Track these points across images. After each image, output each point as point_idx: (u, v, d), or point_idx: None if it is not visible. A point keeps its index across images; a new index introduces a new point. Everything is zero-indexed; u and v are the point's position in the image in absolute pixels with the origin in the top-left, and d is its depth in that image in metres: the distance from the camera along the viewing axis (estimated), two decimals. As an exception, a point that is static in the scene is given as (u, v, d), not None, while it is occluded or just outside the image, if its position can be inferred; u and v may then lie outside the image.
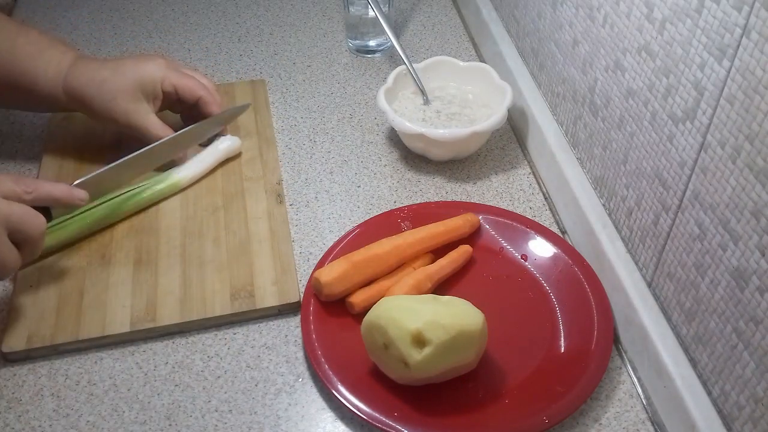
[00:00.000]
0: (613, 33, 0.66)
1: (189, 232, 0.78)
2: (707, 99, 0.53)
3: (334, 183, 0.85)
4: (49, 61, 0.79)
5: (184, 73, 0.83)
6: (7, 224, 0.63)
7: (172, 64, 0.83)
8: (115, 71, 0.80)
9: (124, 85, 0.79)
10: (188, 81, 0.83)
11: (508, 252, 0.76)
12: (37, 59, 0.79)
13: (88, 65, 0.80)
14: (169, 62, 0.83)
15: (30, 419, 0.64)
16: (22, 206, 0.65)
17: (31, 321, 0.69)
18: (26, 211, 0.65)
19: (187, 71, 0.84)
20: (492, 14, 1.01)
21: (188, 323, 0.70)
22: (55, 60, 0.80)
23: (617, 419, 0.64)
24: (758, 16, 0.46)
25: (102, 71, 0.80)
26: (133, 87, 0.79)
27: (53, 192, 0.70)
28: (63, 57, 0.80)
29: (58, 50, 0.81)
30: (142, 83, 0.80)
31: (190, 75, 0.84)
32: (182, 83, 0.82)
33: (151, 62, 0.81)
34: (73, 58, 0.81)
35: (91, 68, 0.80)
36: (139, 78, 0.79)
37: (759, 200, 0.48)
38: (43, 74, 0.79)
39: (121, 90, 0.79)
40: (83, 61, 0.81)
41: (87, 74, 0.79)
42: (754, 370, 0.51)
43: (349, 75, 1.01)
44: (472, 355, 0.62)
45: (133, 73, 0.80)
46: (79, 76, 0.79)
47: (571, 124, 0.79)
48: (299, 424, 0.64)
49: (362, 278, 0.70)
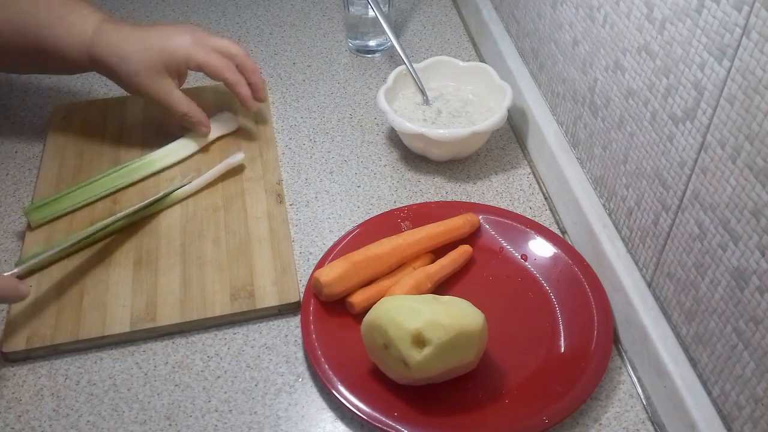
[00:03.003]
0: (613, 33, 0.66)
1: (189, 232, 0.78)
2: (707, 99, 0.53)
3: (334, 183, 0.85)
4: (72, 26, 0.78)
5: (211, 49, 0.80)
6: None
7: (200, 39, 0.80)
8: (140, 46, 0.78)
9: (148, 62, 0.78)
10: (214, 60, 0.80)
11: (508, 252, 0.76)
12: (59, 26, 0.77)
13: (112, 34, 0.78)
14: (197, 36, 0.80)
15: (30, 419, 0.64)
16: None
17: (31, 321, 0.69)
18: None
19: (217, 44, 0.81)
20: (492, 14, 1.01)
21: (188, 323, 0.70)
22: (79, 25, 0.78)
23: (617, 419, 0.64)
24: (758, 16, 0.46)
25: (126, 45, 0.78)
26: (157, 64, 0.78)
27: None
28: (86, 21, 0.78)
29: (81, 14, 0.78)
30: (166, 61, 0.78)
31: (217, 52, 0.81)
32: (208, 63, 0.80)
33: (178, 38, 0.79)
34: (97, 22, 0.78)
35: (115, 38, 0.78)
36: (163, 55, 0.78)
37: (759, 200, 0.48)
38: (68, 41, 0.78)
39: (144, 66, 0.78)
40: (107, 28, 0.78)
41: (111, 45, 0.78)
42: (754, 370, 0.51)
43: (349, 75, 1.01)
44: (472, 355, 0.61)
45: (158, 50, 0.78)
46: (103, 46, 0.78)
47: (571, 124, 0.79)
48: (299, 424, 0.64)
49: (362, 278, 0.70)
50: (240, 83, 0.83)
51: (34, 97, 0.97)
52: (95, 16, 0.79)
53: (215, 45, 0.82)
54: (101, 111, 0.93)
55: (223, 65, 0.81)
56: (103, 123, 0.91)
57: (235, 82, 0.82)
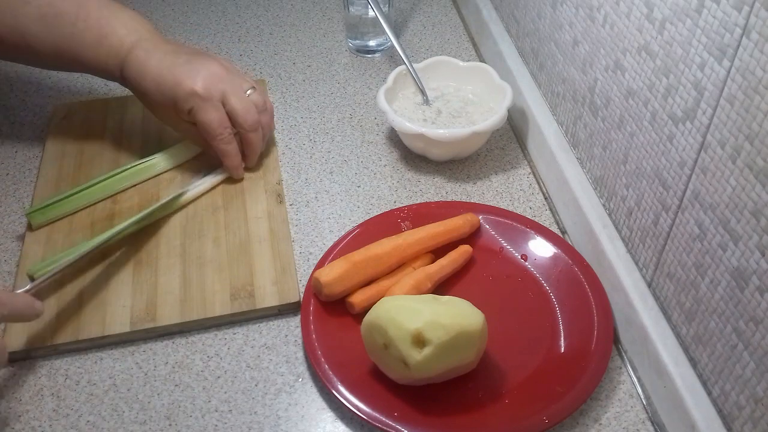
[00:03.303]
0: (613, 33, 0.66)
1: (189, 232, 0.78)
2: (707, 99, 0.53)
3: (334, 183, 0.85)
4: (109, 50, 0.78)
5: (215, 109, 0.77)
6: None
7: (213, 90, 0.77)
8: (155, 84, 0.77)
9: (161, 103, 0.78)
10: (208, 122, 0.77)
11: (508, 252, 0.76)
12: (98, 49, 0.78)
13: (137, 64, 0.78)
14: (210, 89, 0.77)
15: (30, 419, 0.64)
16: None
17: (31, 321, 0.69)
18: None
19: (231, 100, 0.78)
20: (492, 14, 1.01)
21: (188, 323, 0.70)
22: (114, 50, 0.78)
23: (617, 419, 0.64)
24: (758, 16, 0.46)
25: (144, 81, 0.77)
26: (169, 107, 0.78)
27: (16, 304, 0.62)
28: (121, 46, 0.78)
29: (117, 37, 0.78)
30: (176, 105, 0.77)
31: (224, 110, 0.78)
32: (201, 124, 0.78)
33: (189, 85, 0.76)
34: (130, 46, 0.78)
35: (138, 69, 0.78)
36: (172, 101, 0.77)
37: (759, 200, 0.48)
38: (104, 63, 0.79)
39: (158, 106, 0.79)
40: (136, 55, 0.78)
41: (134, 77, 0.78)
42: (754, 370, 0.51)
43: (349, 75, 1.01)
44: (472, 355, 0.61)
45: (169, 94, 0.77)
46: (128, 74, 0.78)
47: (571, 124, 0.79)
48: (299, 424, 0.64)
49: (362, 278, 0.70)
50: (228, 154, 0.80)
51: (34, 97, 0.97)
52: (130, 39, 0.78)
53: (229, 105, 0.78)
54: (101, 111, 0.93)
55: (217, 132, 0.78)
56: (103, 123, 0.91)
57: (222, 152, 0.80)
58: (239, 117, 0.78)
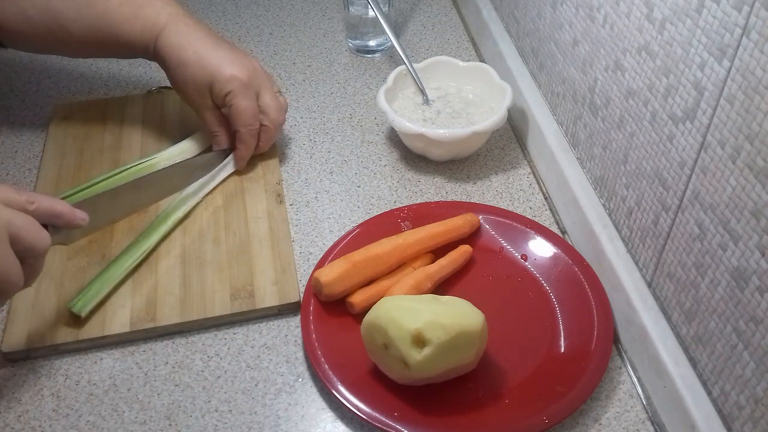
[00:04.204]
0: (613, 33, 0.66)
1: (189, 232, 0.78)
2: (707, 99, 0.53)
3: (334, 183, 0.85)
4: (145, 21, 0.79)
5: (251, 99, 0.80)
6: (9, 231, 0.56)
7: (254, 82, 0.80)
8: (198, 58, 0.78)
9: (197, 78, 0.79)
10: (244, 109, 0.79)
11: (508, 252, 0.76)
12: (133, 21, 0.78)
13: (179, 35, 0.79)
14: (252, 79, 0.79)
15: (30, 419, 0.64)
16: (26, 216, 0.59)
17: (31, 321, 0.69)
18: (30, 221, 0.59)
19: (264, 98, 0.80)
20: (492, 14, 1.01)
21: (188, 323, 0.70)
22: (151, 20, 0.79)
23: (617, 419, 0.64)
24: (758, 16, 0.46)
25: (186, 52, 0.78)
26: (204, 83, 0.79)
27: (55, 206, 0.63)
28: (159, 14, 0.79)
29: (154, 7, 0.79)
30: (212, 86, 0.78)
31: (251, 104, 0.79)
32: (237, 108, 0.79)
33: (233, 70, 0.78)
34: (169, 16, 0.79)
35: (179, 40, 0.78)
36: (212, 79, 0.78)
37: (759, 200, 0.48)
38: (140, 35, 0.79)
39: (192, 78, 0.79)
40: (178, 27, 0.79)
41: (173, 46, 0.78)
42: (754, 370, 0.51)
43: (349, 75, 1.01)
44: (472, 355, 0.62)
45: (210, 71, 0.78)
46: (166, 43, 0.78)
47: (571, 124, 0.79)
48: (299, 424, 0.64)
49: (362, 278, 0.70)
50: (247, 145, 0.82)
51: (34, 97, 0.97)
52: (168, 10, 0.80)
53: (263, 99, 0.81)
54: (101, 111, 0.93)
55: (248, 119, 0.80)
56: (103, 123, 0.91)
57: (243, 140, 0.81)
58: (271, 113, 0.81)
